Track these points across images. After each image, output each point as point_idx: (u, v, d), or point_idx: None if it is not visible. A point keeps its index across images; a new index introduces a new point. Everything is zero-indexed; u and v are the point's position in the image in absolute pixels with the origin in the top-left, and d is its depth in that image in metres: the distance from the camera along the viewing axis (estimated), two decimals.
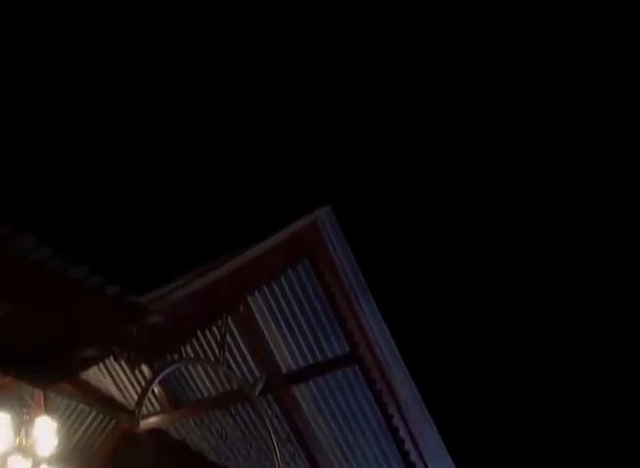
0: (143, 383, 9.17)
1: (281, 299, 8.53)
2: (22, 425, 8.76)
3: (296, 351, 8.85)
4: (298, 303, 8.57)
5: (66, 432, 11.31)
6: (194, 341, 8.67)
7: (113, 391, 10.06)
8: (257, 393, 8.73)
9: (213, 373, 9.29)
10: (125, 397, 10.00)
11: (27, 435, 8.65)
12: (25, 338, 7.46)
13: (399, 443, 8.81)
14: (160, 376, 8.06)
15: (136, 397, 9.44)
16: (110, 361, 9.53)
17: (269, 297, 8.50)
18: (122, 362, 9.43)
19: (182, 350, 7.92)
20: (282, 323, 8.66)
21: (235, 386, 9.16)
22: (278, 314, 8.62)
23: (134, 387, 9.72)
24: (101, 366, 9.73)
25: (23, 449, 8.44)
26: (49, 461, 8.75)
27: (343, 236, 8.68)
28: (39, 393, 10.81)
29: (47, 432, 8.73)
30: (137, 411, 7.95)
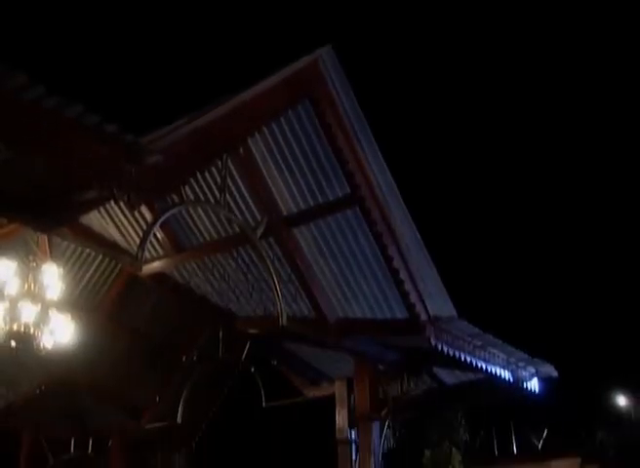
0: (145, 227, 9.20)
1: (281, 141, 8.38)
2: (29, 272, 8.92)
3: (296, 193, 8.79)
4: (298, 145, 8.43)
5: (73, 278, 11.51)
6: (194, 184, 8.60)
7: (117, 237, 10.13)
8: (258, 235, 8.75)
9: (214, 217, 9.29)
10: (128, 242, 10.08)
11: (35, 281, 8.82)
12: (25, 183, 7.41)
13: (399, 283, 8.89)
14: (161, 219, 8.07)
15: (138, 241, 9.49)
16: (112, 206, 9.53)
17: (269, 139, 8.34)
18: (123, 207, 9.45)
19: (183, 193, 7.86)
20: (282, 165, 8.56)
21: (237, 229, 9.19)
22: (278, 156, 8.49)
23: (136, 232, 9.76)
24: (104, 212, 9.75)
25: (32, 295, 8.63)
26: (57, 306, 8.95)
27: (345, 76, 8.42)
28: (44, 240, 10.91)
29: (53, 278, 8.90)
30: (139, 254, 8.01)
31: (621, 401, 26.43)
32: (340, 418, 10.61)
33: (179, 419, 12.50)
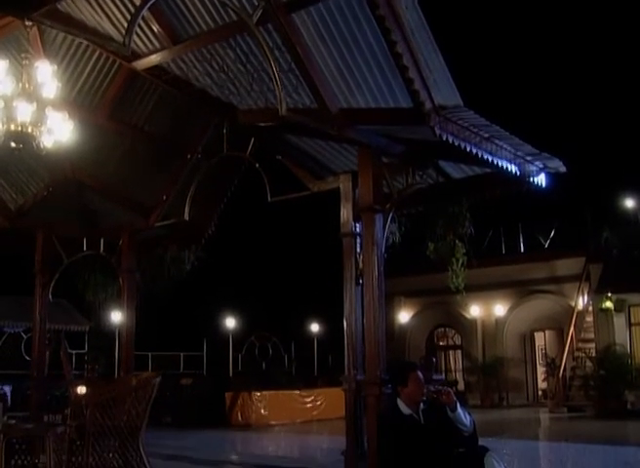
0: None
1: None
2: (23, 70, 8.68)
3: None
4: None
5: (70, 77, 11.28)
6: None
7: (112, 32, 9.76)
8: (254, 21, 8.34)
9: (209, 3, 8.84)
10: (122, 36, 9.70)
11: (29, 80, 8.61)
12: None
13: (402, 70, 8.48)
14: (150, 2, 7.74)
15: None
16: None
17: None
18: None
19: None
20: None
21: (233, 16, 8.77)
22: None
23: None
24: (95, 5, 9.32)
25: (27, 94, 8.46)
26: (53, 104, 8.78)
27: None
28: (35, 37, 10.56)
29: (48, 76, 8.67)
30: (126, 39, 7.76)
31: (628, 202, 26.70)
32: (345, 212, 10.61)
33: (186, 217, 12.64)
